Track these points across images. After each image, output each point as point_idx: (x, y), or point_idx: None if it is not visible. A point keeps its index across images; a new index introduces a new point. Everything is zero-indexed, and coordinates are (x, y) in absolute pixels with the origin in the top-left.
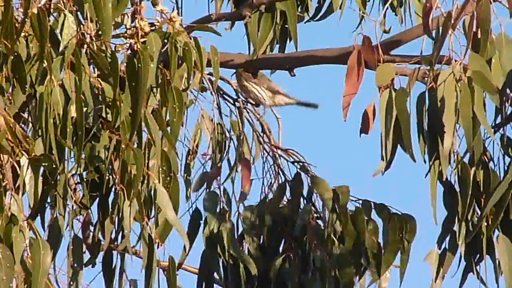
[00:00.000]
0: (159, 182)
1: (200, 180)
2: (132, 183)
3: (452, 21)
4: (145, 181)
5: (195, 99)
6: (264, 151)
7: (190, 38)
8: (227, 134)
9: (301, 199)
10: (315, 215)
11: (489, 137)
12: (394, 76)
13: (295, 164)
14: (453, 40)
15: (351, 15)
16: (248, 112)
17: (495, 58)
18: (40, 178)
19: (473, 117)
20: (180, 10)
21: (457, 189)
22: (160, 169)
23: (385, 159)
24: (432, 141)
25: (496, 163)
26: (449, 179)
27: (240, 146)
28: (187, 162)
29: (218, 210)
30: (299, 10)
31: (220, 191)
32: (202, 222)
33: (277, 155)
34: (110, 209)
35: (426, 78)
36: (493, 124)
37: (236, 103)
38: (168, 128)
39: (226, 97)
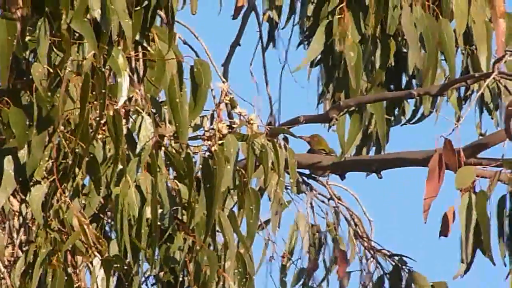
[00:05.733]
0: (234, 284)
1: (298, 275)
2: (206, 284)
3: None
4: (221, 283)
5: (289, 202)
6: (361, 246)
7: (277, 141)
8: (322, 235)
9: None
10: None
11: None
12: (475, 179)
13: (392, 257)
14: None
15: (449, 117)
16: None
17: None
18: (114, 280)
19: None
20: (274, 112)
21: None
22: (236, 271)
23: (465, 262)
24: None
25: None
26: None
27: (336, 245)
28: (282, 263)
29: None
30: (396, 112)
31: (318, 287)
32: None
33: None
34: None
35: None
36: None
37: (330, 201)
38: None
39: (321, 197)
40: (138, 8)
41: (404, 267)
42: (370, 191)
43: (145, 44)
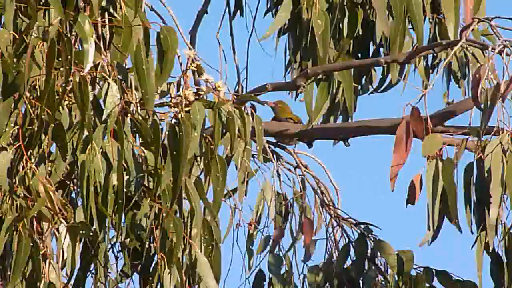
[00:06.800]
0: (201, 251)
1: (264, 242)
2: (172, 251)
3: (502, 92)
4: (187, 250)
5: (256, 170)
6: (327, 215)
7: (244, 109)
8: (289, 203)
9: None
10: (380, 276)
11: None
12: (442, 147)
13: (358, 226)
14: (503, 111)
15: (417, 86)
16: (308, 180)
17: None
18: (80, 246)
19: None
20: (241, 80)
21: (504, 260)
22: (202, 238)
23: (431, 229)
24: (479, 212)
25: None
26: (496, 250)
27: (302, 213)
28: (249, 231)
29: (282, 273)
30: (363, 81)
31: (283, 254)
32: (266, 283)
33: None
34: (151, 278)
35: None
36: None
37: (297, 170)
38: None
39: (287, 165)
40: None
41: (370, 235)
42: (337, 159)
43: (111, 11)
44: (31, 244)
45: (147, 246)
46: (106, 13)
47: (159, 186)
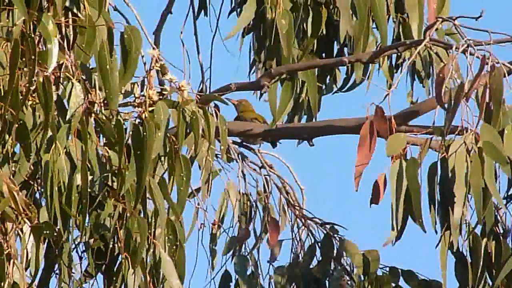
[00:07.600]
0: (165, 251)
1: (229, 244)
2: (137, 251)
3: (465, 92)
4: (151, 250)
5: (220, 169)
6: (293, 215)
7: (208, 108)
8: (253, 203)
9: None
10: (346, 277)
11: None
12: (406, 146)
13: (324, 226)
14: (467, 110)
15: (381, 86)
16: (273, 180)
17: (508, 129)
18: (44, 247)
19: (484, 187)
20: (205, 80)
21: (469, 260)
22: (166, 238)
23: (395, 229)
24: (443, 211)
25: (508, 234)
26: (460, 249)
27: (266, 213)
28: (212, 231)
29: (248, 274)
30: (327, 80)
31: (248, 255)
32: (232, 285)
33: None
34: (115, 278)
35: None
36: (506, 195)
37: (261, 170)
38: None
39: (252, 165)
40: None
41: (335, 235)
42: (302, 159)
43: (75, 11)
44: None
45: (111, 246)
46: (69, 13)
47: (123, 186)
